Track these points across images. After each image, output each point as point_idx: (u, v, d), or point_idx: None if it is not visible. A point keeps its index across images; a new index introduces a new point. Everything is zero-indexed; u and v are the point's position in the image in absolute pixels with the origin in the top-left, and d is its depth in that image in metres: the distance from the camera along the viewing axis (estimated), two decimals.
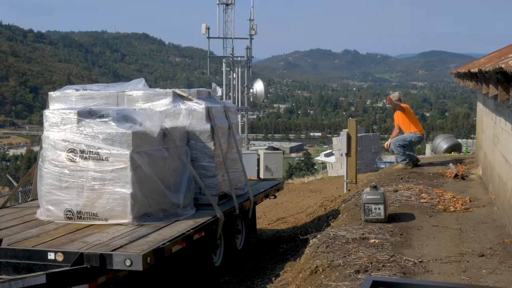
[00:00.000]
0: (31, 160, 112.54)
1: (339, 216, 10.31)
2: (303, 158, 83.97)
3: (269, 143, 75.63)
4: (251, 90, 24.61)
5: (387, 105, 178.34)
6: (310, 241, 8.20)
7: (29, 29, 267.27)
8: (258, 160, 21.85)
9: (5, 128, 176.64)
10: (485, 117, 11.87)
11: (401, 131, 14.04)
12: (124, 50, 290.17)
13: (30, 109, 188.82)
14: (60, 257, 6.93)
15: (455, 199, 9.82)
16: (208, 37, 24.55)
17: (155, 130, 8.73)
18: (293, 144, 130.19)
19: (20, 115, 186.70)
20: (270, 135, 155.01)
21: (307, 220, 13.40)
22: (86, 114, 8.59)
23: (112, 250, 6.97)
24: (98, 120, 8.56)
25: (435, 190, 10.58)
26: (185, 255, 8.25)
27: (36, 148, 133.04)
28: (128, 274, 7.26)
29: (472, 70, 9.17)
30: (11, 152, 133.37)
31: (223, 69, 25.25)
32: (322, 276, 6.45)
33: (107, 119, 8.56)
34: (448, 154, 19.67)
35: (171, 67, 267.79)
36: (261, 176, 20.97)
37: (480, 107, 13.31)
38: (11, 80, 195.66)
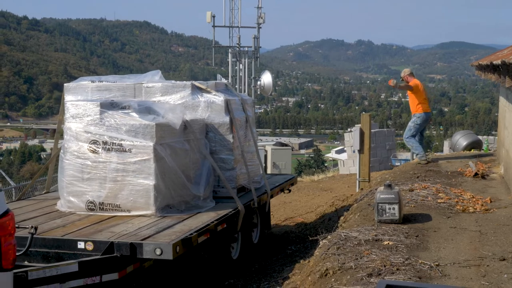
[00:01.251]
0: (25, 155, 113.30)
1: (350, 216, 10.30)
2: (313, 155, 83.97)
3: (277, 139, 75.60)
4: (258, 82, 24.60)
5: (403, 100, 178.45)
6: (320, 242, 8.21)
7: (23, 16, 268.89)
8: (266, 156, 21.92)
9: None
10: (508, 112, 11.84)
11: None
12: (124, 39, 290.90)
13: (25, 101, 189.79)
14: (90, 246, 7.34)
15: (474, 199, 9.80)
16: (213, 26, 24.56)
17: (177, 122, 9.14)
18: (303, 140, 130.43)
19: (14, 107, 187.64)
20: (278, 130, 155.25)
21: (317, 220, 13.41)
22: (108, 106, 8.93)
23: (141, 240, 7.37)
24: (120, 111, 8.88)
25: (453, 190, 10.56)
26: (206, 247, 8.70)
27: (30, 142, 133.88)
28: (152, 264, 7.80)
29: (494, 62, 9.15)
30: (4, 146, 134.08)
31: (229, 59, 25.24)
32: (333, 280, 6.46)
33: (129, 111, 8.90)
34: (468, 151, 19.62)
35: (173, 57, 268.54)
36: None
37: (502, 101, 13.28)
38: (4, 70, 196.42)
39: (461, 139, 21.99)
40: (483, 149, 20.67)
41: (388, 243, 7.40)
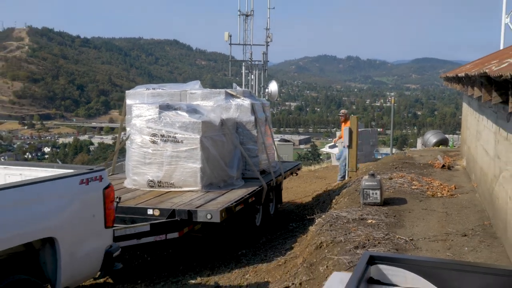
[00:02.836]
0: (77, 148, 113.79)
1: (341, 199, 10.30)
2: (310, 149, 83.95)
3: (281, 136, 75.56)
4: (266, 90, 24.55)
5: (384, 105, 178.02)
6: (316, 220, 8.23)
7: (76, 35, 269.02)
8: None
9: (56, 119, 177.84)
10: (469, 116, 11.80)
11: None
12: (157, 54, 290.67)
13: (77, 104, 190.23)
14: (157, 212, 8.08)
15: (442, 186, 9.79)
16: (230, 44, 24.50)
17: (216, 120, 9.90)
18: (302, 137, 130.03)
19: (68, 109, 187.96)
20: (282, 129, 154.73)
21: (313, 202, 13.40)
22: (165, 107, 9.59)
23: (196, 208, 8.11)
24: (174, 112, 9.54)
25: (425, 178, 10.56)
26: (239, 215, 9.26)
27: (81, 137, 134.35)
28: (200, 227, 8.59)
29: (459, 75, 9.11)
30: (61, 140, 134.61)
31: (243, 71, 25.19)
32: (326, 251, 6.47)
33: (180, 111, 9.56)
34: (437, 147, 19.56)
35: (197, 69, 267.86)
36: None
37: (465, 107, 13.22)
38: (61, 79, 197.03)
39: (431, 137, 21.91)
40: (449, 146, 20.62)
41: (371, 221, 7.41)
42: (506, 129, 6.22)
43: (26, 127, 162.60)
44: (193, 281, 7.63)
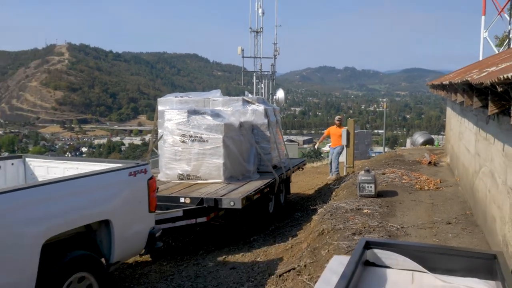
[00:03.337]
0: (110, 148, 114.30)
1: (340, 192, 10.28)
2: (312, 148, 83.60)
3: (287, 137, 75.43)
4: (274, 97, 24.51)
5: (377, 110, 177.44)
6: (318, 210, 8.23)
7: (109, 50, 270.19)
8: None
9: (92, 123, 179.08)
10: (452, 118, 11.73)
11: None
12: (179, 66, 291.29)
13: (110, 110, 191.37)
14: (188, 200, 8.37)
15: (428, 180, 9.75)
16: (243, 57, 24.50)
17: (236, 123, 10.17)
18: (305, 137, 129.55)
19: (102, 114, 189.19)
20: (288, 130, 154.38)
21: (316, 195, 13.38)
22: (192, 112, 9.82)
23: (220, 196, 8.39)
24: (200, 116, 9.78)
25: (414, 174, 10.51)
26: (256, 203, 9.49)
27: (114, 139, 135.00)
28: (224, 213, 8.89)
29: (443, 82, 9.06)
30: (96, 141, 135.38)
31: (254, 81, 25.20)
32: (327, 237, 6.46)
33: (205, 115, 9.80)
34: (424, 146, 19.46)
35: (214, 79, 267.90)
36: None
37: (449, 111, 13.15)
38: (96, 88, 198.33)
39: (419, 137, 21.82)
40: (435, 145, 20.51)
41: (367, 211, 7.39)
42: (485, 130, 6.19)
43: (66, 130, 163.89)
44: (211, 263, 7.65)
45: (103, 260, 5.48)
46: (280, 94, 24.59)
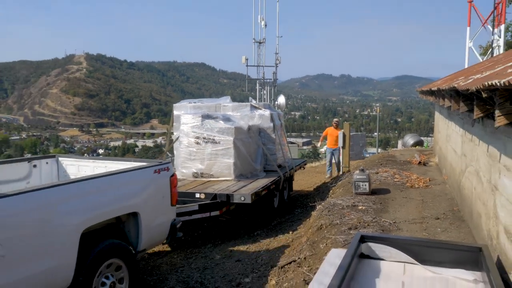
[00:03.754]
0: (125, 150, 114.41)
1: (337, 190, 10.26)
2: (311, 150, 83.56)
3: (288, 139, 75.37)
4: (276, 102, 24.50)
5: (371, 114, 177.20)
6: (317, 207, 8.21)
7: (124, 60, 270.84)
8: None
9: (108, 127, 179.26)
10: (440, 122, 11.70)
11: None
12: (188, 74, 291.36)
13: (124, 115, 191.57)
14: (202, 196, 8.53)
15: (418, 179, 9.72)
16: (247, 65, 24.48)
17: (245, 126, 10.38)
18: (305, 140, 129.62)
19: (117, 119, 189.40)
20: (288, 133, 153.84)
21: (314, 192, 13.37)
22: (206, 116, 10.04)
23: (232, 192, 8.56)
24: (212, 120, 9.98)
25: (405, 173, 10.49)
26: (263, 198, 9.62)
27: (128, 141, 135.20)
28: (235, 208, 8.98)
29: (432, 89, 9.05)
30: (112, 143, 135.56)
31: (257, 87, 25.18)
32: (325, 231, 6.45)
33: (217, 119, 10.01)
34: (414, 147, 19.42)
35: (220, 86, 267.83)
36: None
37: (437, 115, 13.12)
38: (111, 95, 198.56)
39: (410, 139, 21.78)
40: (424, 146, 20.46)
41: (362, 208, 7.38)
42: (471, 133, 6.17)
43: (84, 133, 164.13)
44: (218, 256, 7.65)
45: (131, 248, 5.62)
46: (281, 99, 24.60)
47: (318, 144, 17.64)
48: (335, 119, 16.30)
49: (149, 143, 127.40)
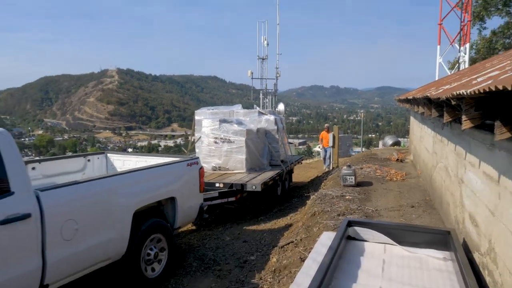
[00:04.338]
0: (150, 149, 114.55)
1: (327, 182, 10.25)
2: (306, 149, 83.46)
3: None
4: (276, 109, 24.39)
5: (356, 119, 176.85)
6: (311, 197, 8.20)
7: (149, 73, 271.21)
8: None
9: (135, 130, 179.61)
10: (415, 125, 11.66)
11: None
12: (202, 85, 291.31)
13: (149, 119, 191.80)
14: (221, 185, 8.72)
15: (396, 173, 9.69)
16: (252, 78, 24.42)
17: (254, 128, 10.62)
18: (300, 140, 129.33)
19: (143, 123, 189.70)
20: (287, 135, 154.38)
21: (309, 184, 13.35)
22: (223, 121, 10.27)
23: (245, 182, 8.78)
24: (228, 124, 10.19)
25: (385, 168, 10.45)
26: (269, 187, 9.77)
27: (152, 142, 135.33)
28: (246, 195, 9.26)
29: (408, 97, 9.01)
30: (139, 144, 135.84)
31: (260, 96, 25.11)
32: (318, 217, 6.45)
33: (232, 123, 10.25)
34: (393, 147, 19.34)
35: (229, 96, 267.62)
36: None
37: (412, 119, 13.06)
38: (139, 103, 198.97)
39: (389, 140, 21.67)
40: (401, 146, 20.37)
41: (349, 197, 7.36)
42: (441, 134, 6.15)
43: (116, 135, 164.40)
44: (228, 238, 7.65)
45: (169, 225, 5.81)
46: (281, 107, 24.49)
47: (319, 147, 18.08)
48: (325, 125, 16.92)
49: (170, 143, 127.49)
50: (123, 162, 7.26)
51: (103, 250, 4.51)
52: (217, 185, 8.76)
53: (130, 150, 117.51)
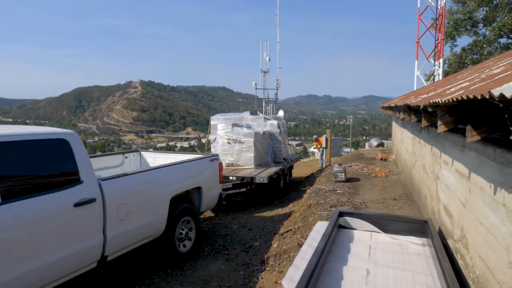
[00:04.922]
0: (169, 149, 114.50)
1: (321, 178, 10.21)
2: (302, 149, 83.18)
3: None
4: (277, 115, 24.51)
5: (346, 123, 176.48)
6: (307, 191, 8.19)
7: (167, 84, 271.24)
8: None
9: (155, 133, 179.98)
10: (396, 129, 11.62)
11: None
12: (213, 95, 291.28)
13: (167, 124, 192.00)
14: (234, 178, 8.88)
15: (381, 170, 9.65)
16: (256, 88, 24.40)
17: (260, 131, 10.76)
18: (297, 142, 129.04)
19: (162, 127, 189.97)
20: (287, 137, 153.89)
21: (305, 180, 13.32)
22: (234, 125, 10.42)
23: (254, 175, 8.94)
24: (239, 127, 10.36)
25: (371, 166, 10.42)
26: (273, 181, 9.91)
27: (170, 143, 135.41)
28: (255, 187, 9.28)
29: (391, 105, 8.97)
30: (158, 145, 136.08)
31: (263, 104, 25.14)
32: (313, 208, 6.43)
33: (243, 127, 10.45)
34: (377, 148, 19.28)
35: (236, 104, 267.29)
36: None
37: (394, 124, 13.02)
38: (158, 110, 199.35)
39: (374, 141, 21.63)
40: (385, 147, 20.31)
41: (339, 191, 7.35)
42: (419, 137, 6.13)
43: (139, 138, 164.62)
44: (235, 226, 7.64)
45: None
46: (281, 113, 24.41)
47: (318, 149, 18.24)
48: (314, 136, 17.75)
49: (185, 144, 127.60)
50: (154, 158, 7.45)
51: (148, 228, 4.77)
52: (230, 178, 8.95)
53: (151, 150, 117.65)
